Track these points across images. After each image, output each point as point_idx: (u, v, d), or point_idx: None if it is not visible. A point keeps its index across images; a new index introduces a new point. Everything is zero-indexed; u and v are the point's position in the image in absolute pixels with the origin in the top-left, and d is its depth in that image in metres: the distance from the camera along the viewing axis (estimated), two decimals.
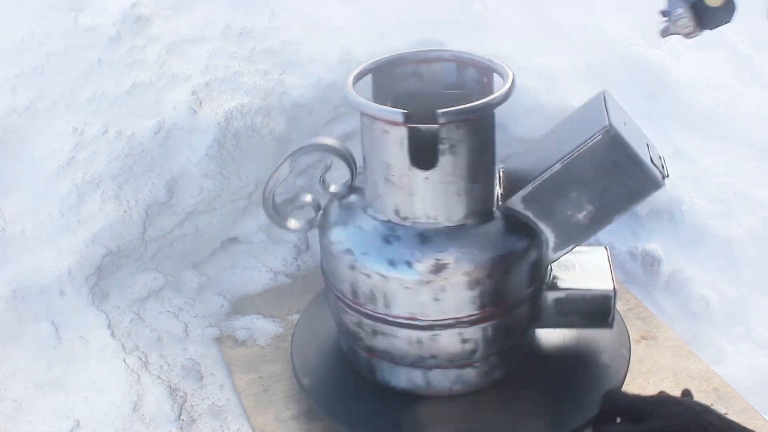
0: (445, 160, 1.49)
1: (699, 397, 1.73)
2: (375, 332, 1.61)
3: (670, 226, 2.19)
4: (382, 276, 1.53)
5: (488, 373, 1.67)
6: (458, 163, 1.50)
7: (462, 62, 1.67)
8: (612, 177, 1.51)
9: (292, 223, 1.70)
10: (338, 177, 1.67)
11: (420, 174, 1.50)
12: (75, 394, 1.80)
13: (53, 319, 1.89)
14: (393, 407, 1.67)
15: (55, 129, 2.02)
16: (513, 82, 1.52)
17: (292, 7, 2.37)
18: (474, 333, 1.57)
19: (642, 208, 2.20)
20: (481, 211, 1.57)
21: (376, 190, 1.57)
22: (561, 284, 1.68)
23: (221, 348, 1.97)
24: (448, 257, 1.52)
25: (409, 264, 1.52)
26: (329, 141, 1.67)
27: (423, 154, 1.49)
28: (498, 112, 1.54)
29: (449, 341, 1.58)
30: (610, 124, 1.47)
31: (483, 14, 2.49)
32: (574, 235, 1.60)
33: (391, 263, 1.53)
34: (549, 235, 1.60)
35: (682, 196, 2.18)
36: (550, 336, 1.79)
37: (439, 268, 1.51)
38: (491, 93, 1.54)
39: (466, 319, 1.56)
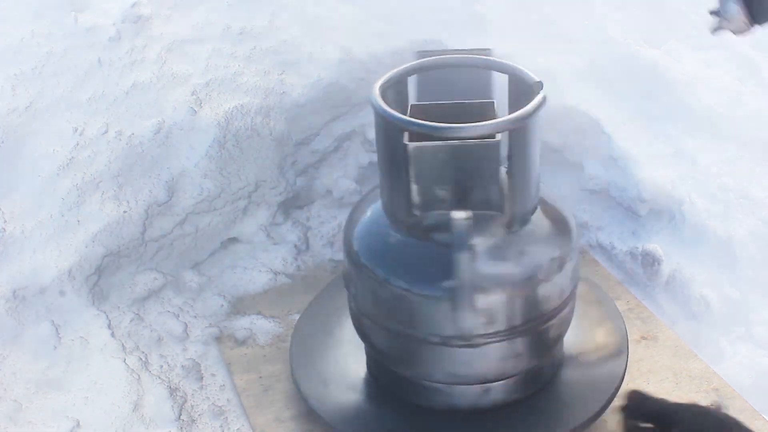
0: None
1: (699, 397, 1.74)
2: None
3: (670, 226, 2.18)
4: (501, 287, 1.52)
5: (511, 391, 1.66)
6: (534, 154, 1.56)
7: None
8: None
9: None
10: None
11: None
12: (75, 394, 1.80)
13: (53, 319, 1.89)
14: (412, 421, 1.67)
15: (55, 129, 2.02)
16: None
17: (292, 7, 2.37)
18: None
19: (642, 208, 2.20)
20: None
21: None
22: None
23: (221, 348, 1.97)
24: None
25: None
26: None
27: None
28: None
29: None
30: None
31: (483, 14, 2.49)
32: None
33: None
34: None
35: (682, 196, 2.17)
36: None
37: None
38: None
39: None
